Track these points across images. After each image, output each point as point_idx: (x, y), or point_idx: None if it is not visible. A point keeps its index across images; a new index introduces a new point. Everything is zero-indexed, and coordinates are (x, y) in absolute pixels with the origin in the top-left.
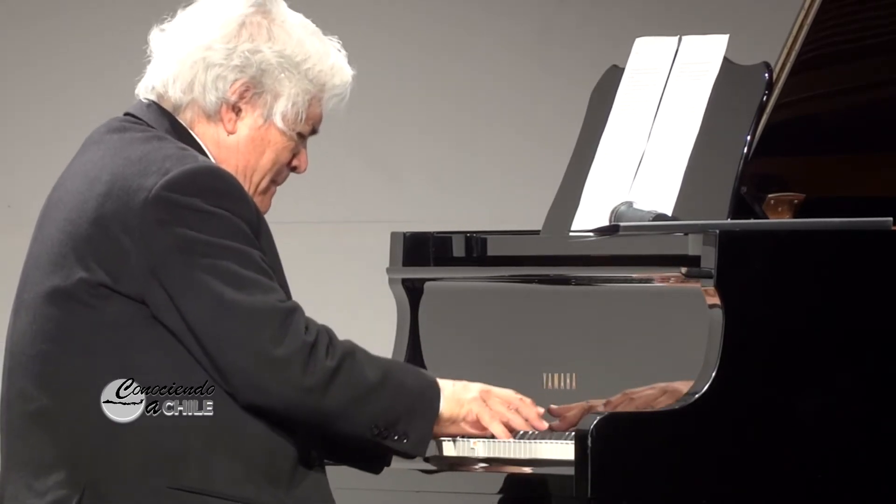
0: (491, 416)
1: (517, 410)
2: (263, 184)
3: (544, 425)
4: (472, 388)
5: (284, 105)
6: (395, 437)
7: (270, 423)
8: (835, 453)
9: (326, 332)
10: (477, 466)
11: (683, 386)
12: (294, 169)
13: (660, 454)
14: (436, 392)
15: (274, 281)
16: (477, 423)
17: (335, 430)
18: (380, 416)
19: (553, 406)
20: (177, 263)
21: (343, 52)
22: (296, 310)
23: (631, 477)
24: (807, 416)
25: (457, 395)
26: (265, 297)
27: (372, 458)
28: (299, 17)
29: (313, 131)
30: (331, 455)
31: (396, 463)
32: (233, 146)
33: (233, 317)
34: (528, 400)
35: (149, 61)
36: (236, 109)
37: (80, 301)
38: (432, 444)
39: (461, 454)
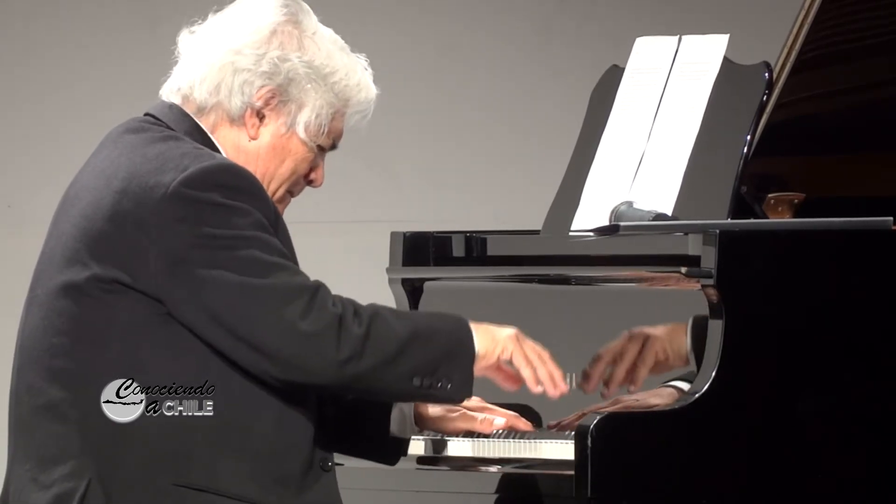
0: (525, 361)
1: (543, 362)
2: (280, 192)
3: (561, 387)
4: (506, 328)
5: (308, 116)
6: (439, 385)
7: (281, 425)
8: (834, 453)
9: (350, 302)
10: (477, 466)
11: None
12: (311, 182)
13: (660, 454)
14: (468, 331)
15: (297, 265)
16: (506, 368)
17: (380, 392)
18: (419, 366)
19: (551, 422)
20: (197, 260)
21: (370, 70)
22: (321, 286)
23: (631, 477)
24: (807, 416)
25: (491, 332)
26: (290, 277)
27: (388, 450)
28: (329, 31)
29: (333, 146)
30: (347, 450)
31: (400, 463)
32: (253, 152)
33: (261, 299)
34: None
35: (175, 62)
36: (260, 115)
37: (93, 296)
38: (431, 443)
39: (461, 454)
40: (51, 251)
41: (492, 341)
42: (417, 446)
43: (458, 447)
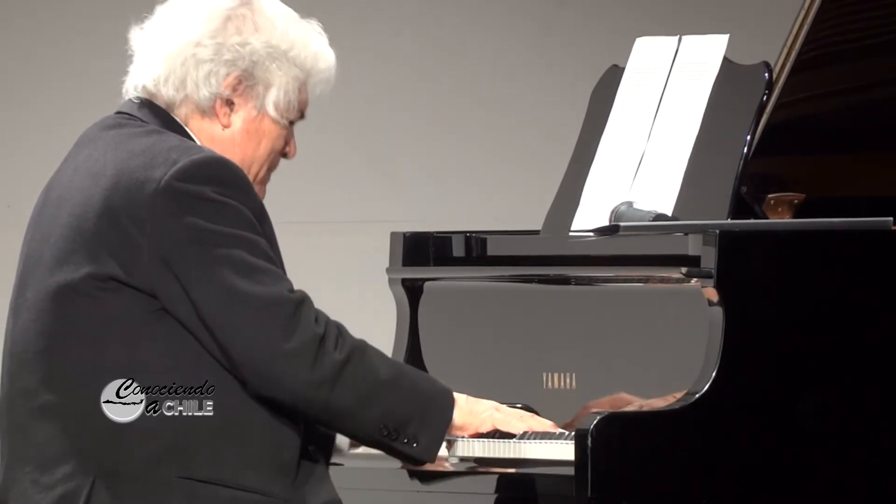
0: (506, 421)
1: (526, 420)
2: (262, 173)
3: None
4: (484, 402)
5: (276, 94)
6: (405, 441)
7: (278, 416)
8: (834, 453)
9: (336, 326)
10: (476, 467)
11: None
12: (285, 155)
13: (660, 454)
14: (449, 399)
15: (281, 270)
16: (491, 431)
17: (343, 428)
18: (390, 415)
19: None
20: (189, 254)
21: (323, 35)
22: (305, 300)
23: (631, 477)
24: (806, 416)
25: (470, 406)
26: (276, 286)
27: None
28: (278, 4)
29: (301, 116)
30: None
31: (397, 462)
32: (228, 140)
33: (244, 307)
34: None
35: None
36: (230, 103)
37: (88, 295)
38: None
39: (460, 454)
40: (37, 254)
41: (470, 415)
42: None
43: (454, 448)
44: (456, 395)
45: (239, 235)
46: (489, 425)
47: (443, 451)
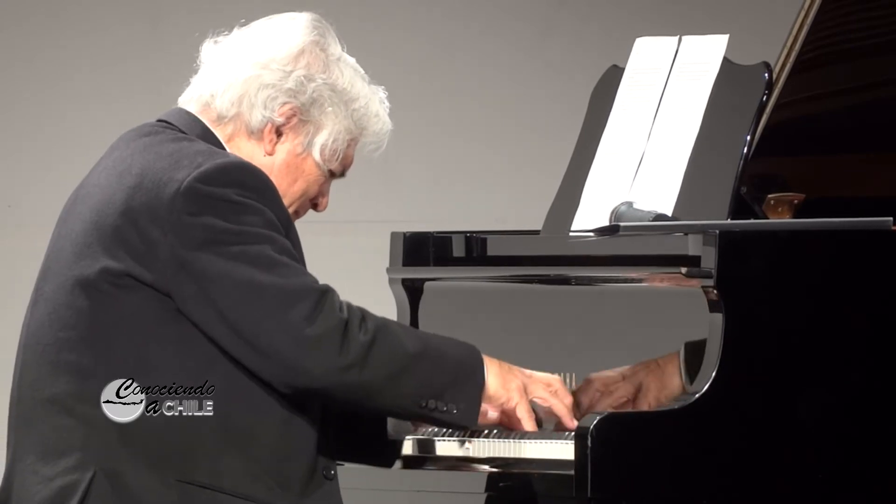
0: (527, 412)
1: (556, 394)
2: (288, 210)
3: (573, 423)
4: (516, 375)
5: (325, 138)
6: (444, 409)
7: (287, 427)
8: (834, 453)
9: (359, 309)
10: (477, 466)
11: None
12: (315, 206)
13: (660, 454)
14: (478, 359)
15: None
16: (511, 411)
17: (382, 407)
18: (424, 387)
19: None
20: (207, 254)
21: (386, 103)
22: (329, 290)
23: (631, 477)
24: (807, 416)
25: (503, 377)
26: (299, 278)
27: (384, 453)
28: (352, 59)
29: (342, 174)
30: (343, 454)
31: (397, 462)
32: (266, 167)
33: (268, 298)
34: (564, 389)
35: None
36: (279, 132)
37: (103, 291)
38: (428, 443)
39: (460, 454)
40: (59, 249)
41: (503, 387)
42: (414, 447)
43: (455, 447)
44: (490, 360)
45: (260, 233)
46: (517, 399)
47: (452, 449)
